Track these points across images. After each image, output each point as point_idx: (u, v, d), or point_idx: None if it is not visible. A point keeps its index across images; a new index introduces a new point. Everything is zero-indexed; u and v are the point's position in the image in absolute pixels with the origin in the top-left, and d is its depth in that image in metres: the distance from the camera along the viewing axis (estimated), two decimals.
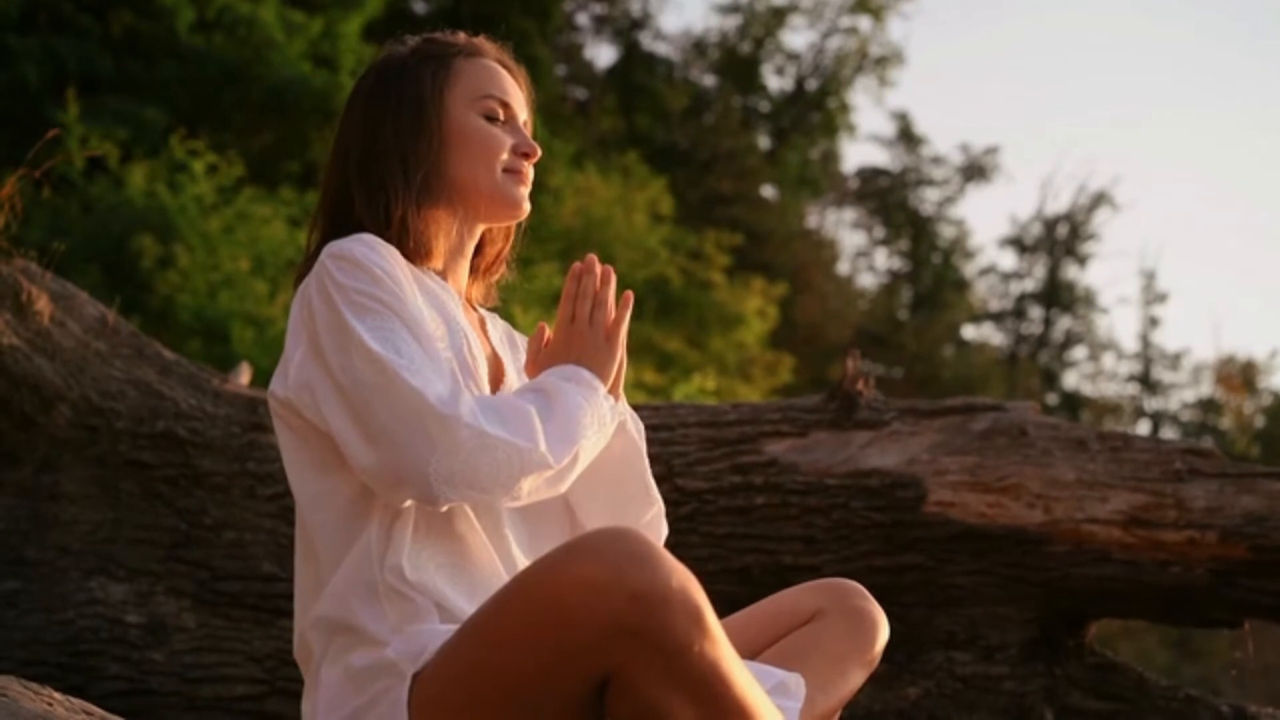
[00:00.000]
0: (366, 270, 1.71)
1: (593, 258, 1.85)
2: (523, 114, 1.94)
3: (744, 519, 3.41)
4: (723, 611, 1.67)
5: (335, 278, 1.71)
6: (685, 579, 1.46)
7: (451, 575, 1.70)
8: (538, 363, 1.84)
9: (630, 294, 1.86)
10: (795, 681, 1.73)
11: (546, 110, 15.91)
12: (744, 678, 1.51)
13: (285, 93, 11.90)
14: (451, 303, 1.84)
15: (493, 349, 1.93)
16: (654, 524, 1.93)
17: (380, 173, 1.84)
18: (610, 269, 1.85)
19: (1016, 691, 3.32)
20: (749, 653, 1.82)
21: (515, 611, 1.49)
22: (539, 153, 1.92)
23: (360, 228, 1.82)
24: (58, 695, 2.03)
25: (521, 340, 2.02)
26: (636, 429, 1.91)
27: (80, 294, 3.66)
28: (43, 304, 3.47)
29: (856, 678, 1.84)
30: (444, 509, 1.69)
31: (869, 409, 3.51)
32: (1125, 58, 35.71)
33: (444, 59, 1.91)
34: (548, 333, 1.88)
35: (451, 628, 1.61)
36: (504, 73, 1.94)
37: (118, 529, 3.47)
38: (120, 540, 3.46)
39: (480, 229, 1.94)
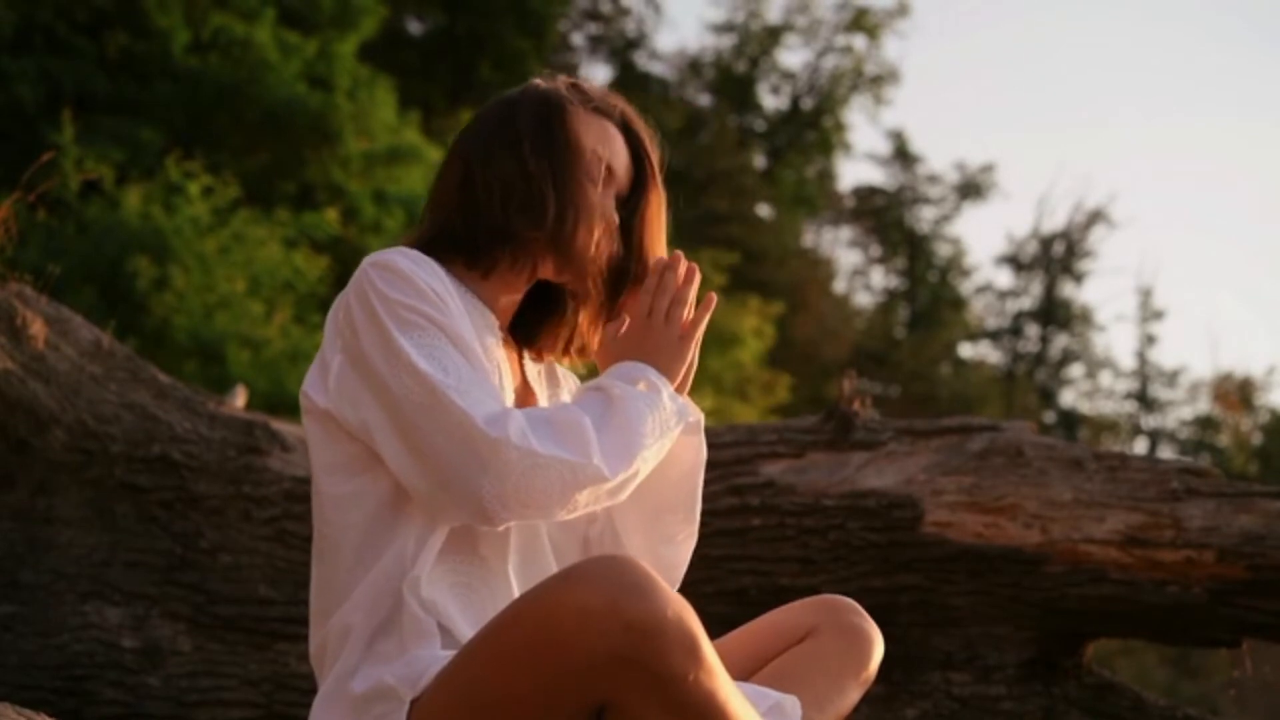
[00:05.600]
0: (411, 283, 1.68)
1: (679, 254, 1.82)
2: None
3: (740, 540, 3.41)
4: (718, 634, 1.67)
5: (379, 288, 1.67)
6: (681, 609, 1.45)
7: (465, 598, 1.69)
8: (609, 351, 1.80)
9: (713, 296, 1.83)
10: (791, 704, 1.72)
11: None
12: (739, 705, 1.51)
13: (281, 113, 11.89)
14: (488, 329, 1.80)
15: (523, 380, 1.88)
16: (683, 546, 1.88)
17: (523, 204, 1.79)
18: (695, 267, 1.81)
19: (1014, 712, 3.31)
20: (744, 672, 1.81)
21: (511, 638, 1.49)
22: None
23: (456, 247, 1.79)
24: None
25: (564, 374, 1.97)
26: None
27: (75, 317, 3.66)
28: (37, 327, 3.46)
29: (852, 695, 1.84)
30: (501, 529, 1.67)
31: (865, 429, 3.51)
32: (1121, 75, 35.82)
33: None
34: (627, 321, 1.84)
35: (450, 654, 1.60)
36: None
37: (113, 552, 3.46)
38: (116, 564, 3.46)
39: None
